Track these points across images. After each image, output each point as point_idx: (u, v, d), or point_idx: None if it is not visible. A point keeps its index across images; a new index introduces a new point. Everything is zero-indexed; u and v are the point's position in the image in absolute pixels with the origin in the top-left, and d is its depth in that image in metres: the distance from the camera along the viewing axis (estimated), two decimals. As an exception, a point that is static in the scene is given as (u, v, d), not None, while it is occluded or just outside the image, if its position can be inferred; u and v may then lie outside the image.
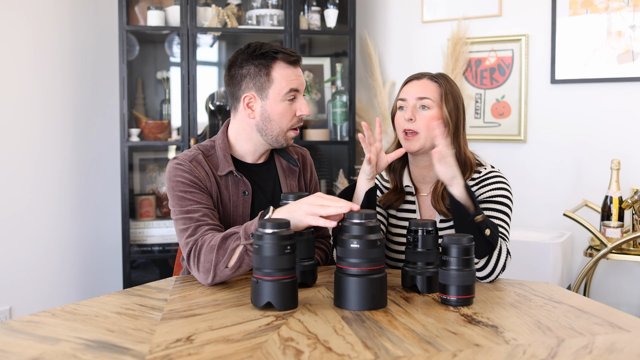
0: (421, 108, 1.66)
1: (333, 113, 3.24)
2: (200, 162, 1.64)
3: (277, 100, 1.64)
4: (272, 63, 1.63)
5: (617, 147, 2.86)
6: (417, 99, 1.66)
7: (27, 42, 2.94)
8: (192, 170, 1.61)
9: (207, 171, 1.64)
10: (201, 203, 1.58)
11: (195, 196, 1.58)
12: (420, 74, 1.71)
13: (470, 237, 1.31)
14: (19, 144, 2.91)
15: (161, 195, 3.24)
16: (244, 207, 1.67)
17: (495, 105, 3.16)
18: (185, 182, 1.60)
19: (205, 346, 1.05)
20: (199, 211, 1.56)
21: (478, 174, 1.69)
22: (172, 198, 1.61)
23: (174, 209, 1.59)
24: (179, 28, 3.00)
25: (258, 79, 1.63)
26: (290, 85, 1.63)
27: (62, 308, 1.28)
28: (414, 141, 1.65)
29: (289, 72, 1.63)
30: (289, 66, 1.64)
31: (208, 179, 1.63)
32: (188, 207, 1.56)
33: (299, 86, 1.65)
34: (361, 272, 1.25)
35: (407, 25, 3.40)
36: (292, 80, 1.64)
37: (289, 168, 1.78)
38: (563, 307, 1.30)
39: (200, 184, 1.61)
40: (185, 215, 1.55)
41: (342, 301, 1.28)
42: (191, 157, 1.65)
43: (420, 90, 1.66)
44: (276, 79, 1.63)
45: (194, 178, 1.61)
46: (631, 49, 2.82)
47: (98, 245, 3.32)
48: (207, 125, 3.26)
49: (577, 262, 2.98)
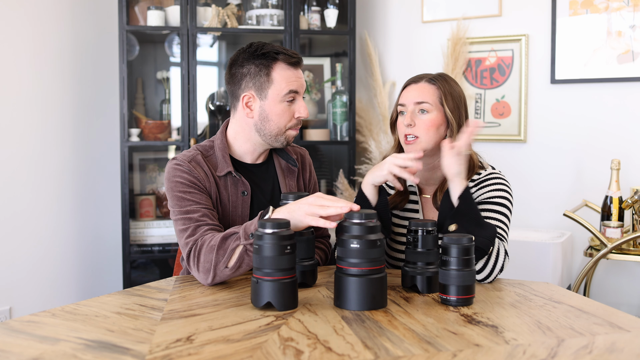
0: (420, 112, 1.66)
1: (333, 113, 3.24)
2: (199, 163, 1.64)
3: (276, 101, 1.63)
4: (272, 63, 1.62)
5: (617, 147, 2.86)
6: (416, 104, 1.66)
7: (27, 42, 2.94)
8: (191, 170, 1.61)
9: (206, 171, 1.64)
10: (200, 203, 1.58)
11: (194, 196, 1.58)
12: (418, 77, 1.71)
13: (470, 237, 1.31)
14: (19, 144, 2.91)
15: (161, 195, 3.24)
16: (243, 208, 1.67)
17: (495, 105, 3.16)
18: (184, 182, 1.59)
19: (205, 346, 1.05)
20: (199, 211, 1.55)
21: (478, 175, 1.69)
22: (171, 198, 1.60)
23: (173, 210, 1.59)
24: (179, 28, 3.00)
25: (258, 78, 1.63)
26: (289, 87, 1.63)
27: (62, 308, 1.28)
28: (414, 145, 1.65)
29: (289, 74, 1.63)
30: (289, 67, 1.64)
31: (207, 179, 1.63)
32: (187, 207, 1.56)
33: (298, 88, 1.65)
34: (361, 272, 1.25)
35: (407, 25, 3.40)
36: (291, 82, 1.63)
37: (287, 168, 1.78)
38: (563, 307, 1.30)
39: (199, 185, 1.61)
40: (185, 215, 1.55)
41: (342, 301, 1.28)
42: (190, 157, 1.64)
43: (418, 94, 1.66)
44: (276, 79, 1.62)
45: (193, 178, 1.60)
46: (631, 49, 2.82)
47: (98, 245, 3.32)
48: (207, 125, 3.26)
49: (577, 262, 2.98)
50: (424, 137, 1.65)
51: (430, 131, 1.64)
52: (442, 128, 1.66)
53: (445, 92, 1.65)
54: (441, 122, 1.66)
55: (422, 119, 1.65)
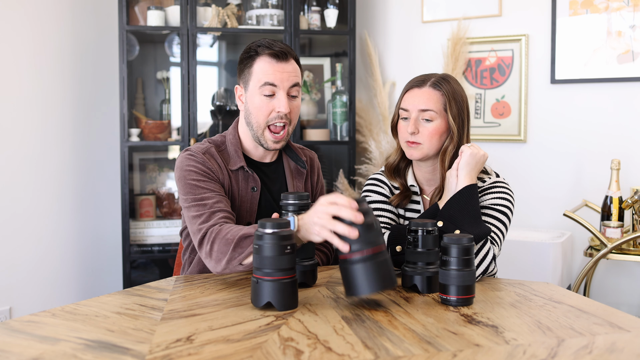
0: (424, 121, 1.64)
1: (333, 113, 3.24)
2: (212, 155, 1.65)
3: (255, 92, 1.63)
4: (256, 56, 1.63)
5: (617, 147, 2.86)
6: (420, 111, 1.64)
7: (28, 43, 2.94)
8: (205, 161, 1.61)
9: (220, 164, 1.64)
10: (214, 191, 1.58)
11: (208, 184, 1.58)
12: (421, 81, 1.67)
13: (470, 237, 1.31)
14: (19, 144, 2.91)
15: (161, 195, 3.24)
16: (251, 203, 1.68)
17: (495, 105, 3.16)
18: (197, 171, 1.59)
19: (205, 346, 1.05)
20: (213, 198, 1.55)
21: (482, 182, 1.68)
22: (183, 187, 1.59)
23: (186, 197, 1.57)
24: (179, 28, 3.00)
25: (245, 70, 1.65)
26: (266, 79, 1.61)
27: (62, 308, 1.28)
28: (417, 150, 1.65)
29: (268, 66, 1.61)
30: (271, 60, 1.62)
31: (220, 171, 1.64)
32: (201, 194, 1.56)
33: (276, 81, 1.61)
34: (364, 256, 1.24)
35: (407, 25, 3.40)
36: (269, 74, 1.61)
37: (297, 170, 1.78)
38: (563, 307, 1.30)
39: (212, 175, 1.61)
40: (199, 202, 1.54)
41: (352, 289, 1.26)
42: (204, 149, 1.65)
43: (422, 101, 1.64)
44: (255, 71, 1.63)
45: (206, 169, 1.61)
46: (631, 49, 2.82)
47: (98, 245, 3.32)
48: (210, 125, 3.26)
49: (577, 262, 2.98)
50: (426, 144, 1.64)
51: (434, 139, 1.64)
52: (445, 135, 1.66)
53: (449, 98, 1.63)
54: (444, 129, 1.65)
55: (427, 127, 1.64)
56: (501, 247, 1.62)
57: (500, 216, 1.62)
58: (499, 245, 1.60)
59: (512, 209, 1.66)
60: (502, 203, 1.64)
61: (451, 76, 1.70)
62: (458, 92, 1.66)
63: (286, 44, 1.67)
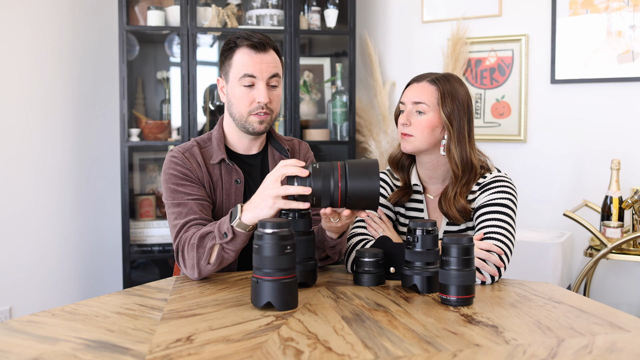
0: (417, 113, 1.66)
1: (333, 113, 3.24)
2: (193, 154, 1.69)
3: (235, 84, 1.66)
4: (235, 47, 1.65)
5: (617, 147, 2.86)
6: (413, 104, 1.66)
7: (28, 42, 2.94)
8: (184, 161, 1.66)
9: (200, 162, 1.68)
10: (191, 194, 1.62)
11: (186, 188, 1.63)
12: (422, 76, 1.69)
13: (470, 237, 1.31)
14: (19, 144, 2.91)
15: (161, 195, 3.24)
16: (236, 196, 1.71)
17: (495, 105, 3.16)
18: (177, 174, 1.65)
19: (205, 346, 1.05)
20: (188, 204, 1.60)
21: (483, 178, 1.68)
22: (165, 190, 1.66)
23: (167, 202, 1.65)
24: (179, 28, 3.00)
25: (225, 62, 1.68)
26: (245, 70, 1.63)
27: (62, 308, 1.28)
28: (408, 142, 1.67)
29: (247, 58, 1.63)
30: (250, 51, 1.64)
31: (199, 169, 1.67)
32: (179, 200, 1.62)
33: (255, 72, 1.63)
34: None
35: (407, 25, 3.40)
36: (248, 66, 1.63)
37: (280, 159, 1.80)
38: (563, 307, 1.30)
39: (191, 176, 1.65)
40: (176, 207, 1.61)
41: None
42: (185, 148, 1.70)
43: (416, 94, 1.66)
44: (235, 62, 1.65)
45: (186, 170, 1.65)
46: (631, 49, 2.82)
47: (98, 245, 3.32)
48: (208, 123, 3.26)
49: (577, 262, 2.98)
50: (418, 137, 1.65)
51: (425, 132, 1.64)
52: (437, 130, 1.66)
53: (444, 93, 1.63)
54: (437, 123, 1.65)
55: (418, 120, 1.65)
56: (512, 246, 1.57)
57: (502, 209, 1.59)
58: (508, 242, 1.55)
59: (514, 201, 1.62)
60: (502, 197, 1.61)
61: (455, 76, 1.69)
62: (457, 90, 1.65)
63: (265, 35, 1.68)
